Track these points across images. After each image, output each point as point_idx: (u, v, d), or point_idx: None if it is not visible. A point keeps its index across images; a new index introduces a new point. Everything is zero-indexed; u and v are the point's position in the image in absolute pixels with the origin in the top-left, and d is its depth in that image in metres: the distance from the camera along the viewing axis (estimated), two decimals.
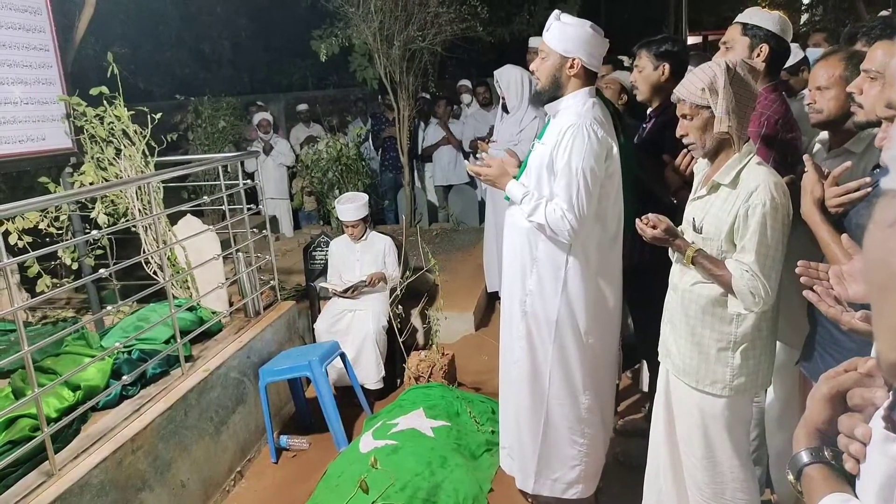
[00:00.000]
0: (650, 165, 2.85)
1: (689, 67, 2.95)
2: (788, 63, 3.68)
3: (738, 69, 1.97)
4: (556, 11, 2.47)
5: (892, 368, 0.43)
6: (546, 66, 2.46)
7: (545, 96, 2.51)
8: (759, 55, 2.39)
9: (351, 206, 4.22)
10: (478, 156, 2.72)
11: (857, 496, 0.80)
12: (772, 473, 2.62)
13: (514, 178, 2.58)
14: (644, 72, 2.93)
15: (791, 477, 0.91)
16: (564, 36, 2.41)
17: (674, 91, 2.11)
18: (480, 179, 2.71)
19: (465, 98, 7.71)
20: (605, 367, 2.69)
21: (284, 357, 3.78)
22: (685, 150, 2.61)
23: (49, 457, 2.43)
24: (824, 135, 2.27)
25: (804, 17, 15.60)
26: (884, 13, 3.53)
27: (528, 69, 2.97)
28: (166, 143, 4.30)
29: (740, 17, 2.50)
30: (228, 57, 13.98)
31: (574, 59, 2.41)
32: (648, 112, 3.06)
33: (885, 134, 1.67)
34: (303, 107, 8.90)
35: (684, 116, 2.08)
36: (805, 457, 0.90)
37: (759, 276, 1.95)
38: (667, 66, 2.88)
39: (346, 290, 4.16)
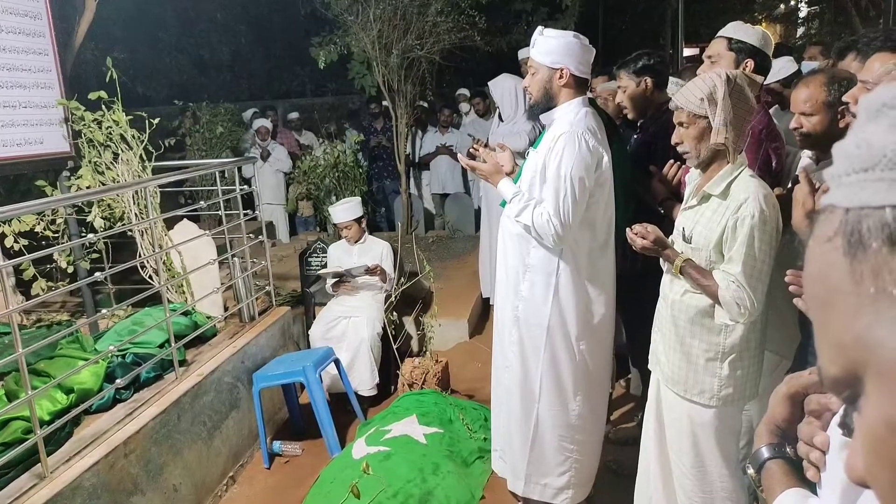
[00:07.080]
0: (640, 175, 2.89)
1: (672, 79, 3.01)
2: (783, 75, 3.74)
3: (737, 80, 1.97)
4: (540, 27, 2.54)
5: (831, 383, 0.44)
6: (536, 79, 2.52)
7: (539, 109, 2.56)
8: (745, 69, 2.42)
9: (341, 206, 4.27)
10: (471, 150, 2.74)
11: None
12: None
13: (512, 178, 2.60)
14: (628, 90, 3.02)
15: (752, 471, 0.93)
16: (549, 48, 2.47)
17: (673, 98, 2.12)
18: (475, 174, 2.74)
19: (464, 107, 7.73)
20: (597, 374, 2.69)
21: (278, 363, 3.79)
22: (672, 161, 2.64)
23: (41, 459, 2.43)
24: None
25: (801, 30, 15.73)
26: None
27: (522, 79, 3.02)
28: (164, 147, 4.31)
29: (724, 32, 2.53)
30: (227, 63, 14.04)
31: (563, 69, 2.46)
32: (639, 123, 3.11)
33: None
34: (294, 115, 8.77)
35: (681, 124, 2.07)
36: (766, 452, 0.91)
37: (746, 287, 1.96)
38: (648, 79, 2.97)
39: (345, 273, 4.16)
